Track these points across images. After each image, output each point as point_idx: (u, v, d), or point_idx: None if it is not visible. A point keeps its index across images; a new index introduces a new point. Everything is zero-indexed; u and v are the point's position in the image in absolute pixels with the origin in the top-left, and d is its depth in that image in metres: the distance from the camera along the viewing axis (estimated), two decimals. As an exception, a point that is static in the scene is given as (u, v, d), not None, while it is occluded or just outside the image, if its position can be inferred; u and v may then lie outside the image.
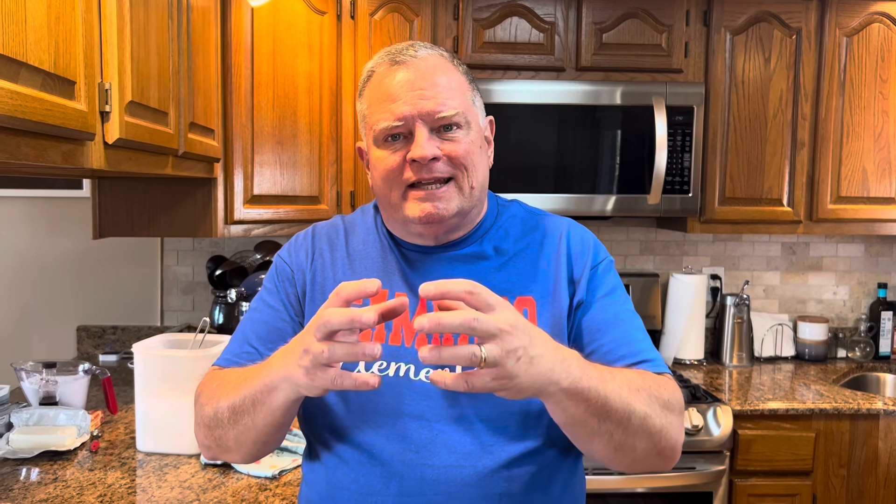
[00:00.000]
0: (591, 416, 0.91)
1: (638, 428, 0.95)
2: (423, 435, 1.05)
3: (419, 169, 1.06)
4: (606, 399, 0.91)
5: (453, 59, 1.14)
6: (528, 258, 1.15)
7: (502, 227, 1.19)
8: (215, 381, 1.11)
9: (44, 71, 1.04)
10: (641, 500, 2.25)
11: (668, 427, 0.99)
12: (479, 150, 1.12)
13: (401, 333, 1.11)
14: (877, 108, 2.58)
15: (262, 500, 1.52)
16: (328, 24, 2.38)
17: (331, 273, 1.17)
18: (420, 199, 1.07)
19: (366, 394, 1.07)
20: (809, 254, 3.02)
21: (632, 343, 1.08)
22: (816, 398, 2.35)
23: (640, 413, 0.95)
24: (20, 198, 2.74)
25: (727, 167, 2.57)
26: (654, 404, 0.97)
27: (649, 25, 2.52)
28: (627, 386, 0.95)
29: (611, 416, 0.92)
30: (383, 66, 1.11)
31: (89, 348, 2.77)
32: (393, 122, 1.07)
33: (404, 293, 1.13)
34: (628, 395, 0.94)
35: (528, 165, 2.44)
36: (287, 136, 2.30)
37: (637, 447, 0.97)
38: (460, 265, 1.15)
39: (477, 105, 1.15)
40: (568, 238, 1.17)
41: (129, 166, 1.43)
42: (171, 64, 1.64)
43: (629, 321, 1.12)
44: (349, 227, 1.23)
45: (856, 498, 2.33)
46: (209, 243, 2.81)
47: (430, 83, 1.07)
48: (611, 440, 0.95)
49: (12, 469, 1.66)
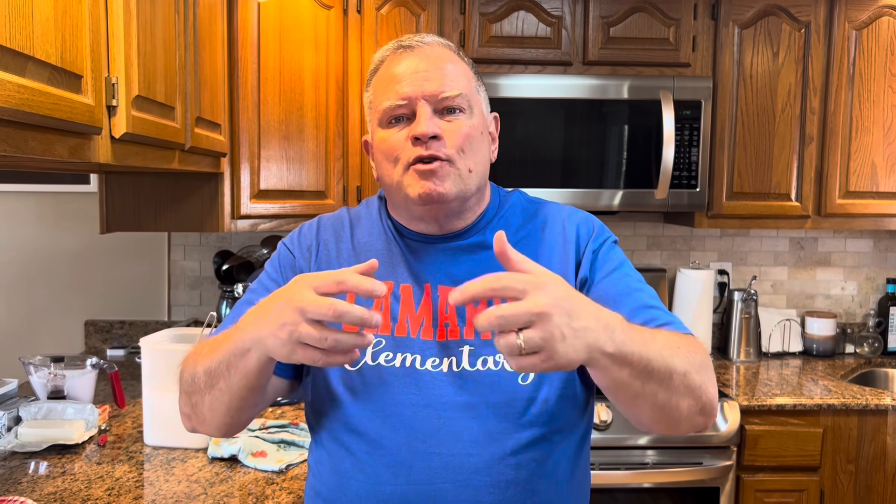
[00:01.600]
0: (634, 378, 0.90)
1: (679, 385, 0.95)
2: (431, 424, 1.06)
3: (421, 146, 1.07)
4: (649, 361, 0.90)
5: (459, 51, 1.16)
6: (530, 245, 1.15)
7: (504, 217, 1.19)
8: (195, 350, 1.11)
9: (50, 65, 1.04)
10: (648, 496, 2.25)
11: (707, 383, 0.99)
12: (479, 136, 1.12)
13: (406, 324, 1.11)
14: (886, 102, 2.56)
15: (268, 494, 1.52)
16: (334, 18, 2.38)
17: (336, 265, 1.18)
18: (420, 175, 1.08)
19: (373, 384, 1.08)
20: (817, 249, 3.00)
21: (649, 310, 1.08)
22: (824, 394, 2.34)
23: (680, 371, 0.94)
24: (28, 193, 2.75)
25: (735, 162, 2.56)
26: (693, 362, 0.97)
27: (657, 19, 2.50)
28: (667, 345, 0.95)
29: (653, 376, 0.91)
30: (390, 52, 1.13)
31: (97, 343, 2.78)
32: (397, 101, 1.08)
33: (409, 284, 1.14)
34: (669, 355, 0.93)
35: (535, 160, 2.44)
36: (293, 130, 2.30)
37: (681, 406, 0.97)
38: (464, 255, 1.15)
39: (481, 95, 1.16)
40: (569, 222, 1.18)
41: (136, 161, 1.43)
42: (178, 58, 1.64)
43: (643, 290, 1.12)
44: (354, 218, 1.24)
45: (864, 494, 2.32)
46: (216, 238, 2.82)
47: (434, 66, 1.10)
48: (655, 401, 0.95)
49: (21, 462, 1.67)
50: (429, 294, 1.13)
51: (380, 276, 1.15)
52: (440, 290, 1.13)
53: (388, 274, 1.15)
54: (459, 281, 1.10)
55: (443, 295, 1.12)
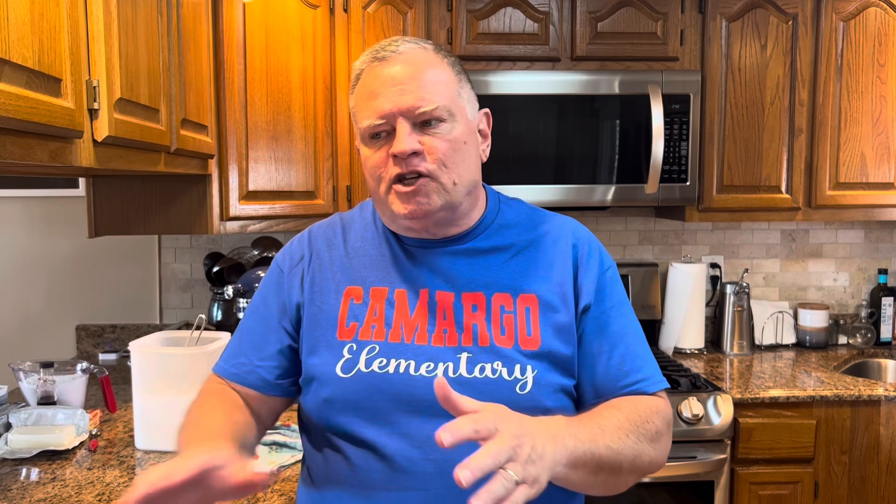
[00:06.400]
0: (587, 474, 0.96)
1: (628, 469, 1.02)
2: (425, 430, 1.05)
3: (400, 163, 1.06)
4: (600, 458, 0.96)
5: (439, 51, 1.13)
6: (530, 256, 1.15)
7: (504, 225, 1.18)
8: (194, 408, 1.13)
9: (27, 68, 1.03)
10: (644, 490, 2.25)
11: (658, 456, 1.07)
12: (464, 146, 1.10)
13: (400, 330, 1.11)
14: (875, 92, 2.57)
15: (260, 497, 1.52)
16: (321, 17, 2.37)
17: (329, 274, 1.17)
18: (403, 194, 1.07)
19: (366, 392, 1.08)
20: (809, 241, 3.01)
21: (635, 358, 1.13)
22: (817, 385, 2.34)
23: (629, 458, 1.01)
24: (17, 198, 2.74)
25: (725, 155, 2.55)
26: (643, 442, 1.03)
27: (644, 13, 2.50)
28: (617, 434, 1.00)
29: (603, 469, 0.98)
30: (367, 63, 1.11)
31: (89, 347, 2.77)
32: (375, 121, 1.07)
33: (404, 289, 1.13)
34: (619, 445, 0.99)
35: (527, 156, 2.43)
36: (281, 131, 2.29)
37: (628, 482, 1.06)
38: (463, 259, 1.14)
39: (465, 97, 1.13)
40: (573, 239, 1.17)
41: (121, 164, 1.42)
42: (162, 60, 1.63)
43: (635, 333, 1.16)
44: (347, 224, 1.23)
45: (858, 484, 2.32)
46: (206, 240, 2.81)
47: (410, 78, 1.07)
48: (604, 486, 1.02)
49: (11, 469, 1.66)
50: (426, 299, 1.12)
51: (373, 282, 1.14)
52: (438, 296, 1.12)
53: (381, 279, 1.14)
54: (459, 286, 1.12)
55: (441, 300, 1.11)
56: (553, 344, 1.09)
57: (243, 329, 1.22)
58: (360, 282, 1.15)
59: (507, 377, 1.06)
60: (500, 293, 1.12)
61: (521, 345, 1.08)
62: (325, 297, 1.15)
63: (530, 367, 1.07)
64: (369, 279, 1.15)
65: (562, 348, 1.10)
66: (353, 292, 1.14)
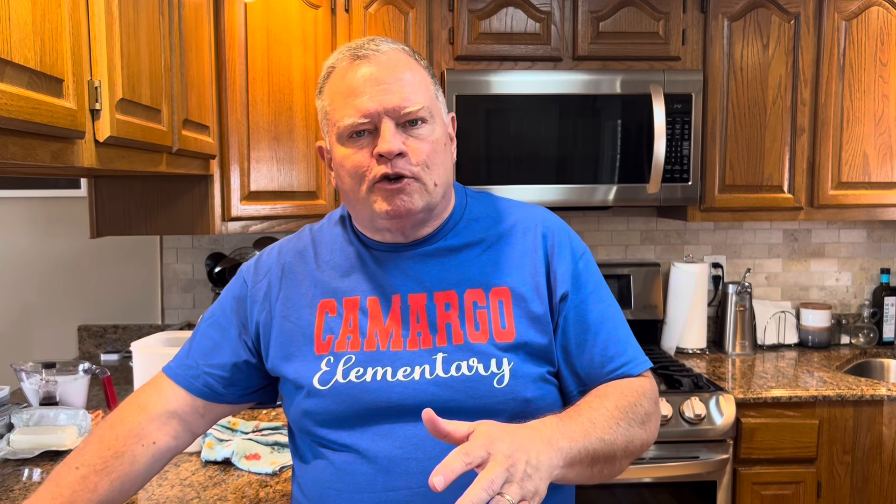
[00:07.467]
0: (583, 469, 0.98)
1: (622, 455, 1.04)
2: (407, 431, 1.06)
3: (386, 163, 1.06)
4: (594, 452, 0.97)
5: (415, 54, 1.14)
6: (500, 250, 1.15)
7: (473, 220, 1.18)
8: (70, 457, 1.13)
9: (29, 69, 1.03)
10: (647, 490, 2.25)
11: (648, 436, 1.09)
12: (443, 148, 1.11)
13: (375, 337, 1.11)
14: (877, 92, 2.56)
15: (262, 497, 1.52)
16: (322, 17, 2.37)
17: (302, 288, 1.17)
18: (387, 193, 1.07)
19: (345, 403, 1.09)
20: (811, 240, 3.00)
21: (618, 342, 1.14)
22: (820, 385, 2.34)
23: (622, 445, 1.02)
24: (19, 199, 2.74)
25: (727, 155, 2.55)
26: (634, 427, 1.05)
27: (646, 13, 2.50)
28: (608, 424, 1.01)
29: (598, 461, 0.99)
30: (344, 61, 1.10)
31: (91, 348, 2.77)
32: (359, 120, 1.06)
33: (376, 296, 1.13)
34: (611, 433, 1.00)
35: (528, 156, 2.43)
36: (283, 131, 2.29)
37: (623, 466, 1.08)
38: (432, 260, 1.14)
39: (440, 100, 1.14)
40: (542, 229, 1.17)
41: (122, 164, 1.42)
42: (163, 60, 1.63)
43: (615, 317, 1.16)
44: (317, 235, 1.23)
45: (860, 484, 2.32)
46: (208, 240, 2.81)
47: (393, 77, 1.07)
48: (600, 475, 1.03)
49: (13, 470, 1.66)
50: (399, 304, 1.12)
51: (345, 292, 1.15)
52: (411, 299, 1.12)
53: (353, 289, 1.15)
54: (430, 287, 1.12)
55: (414, 303, 1.12)
56: (528, 334, 1.10)
57: (198, 333, 1.23)
58: (332, 294, 1.15)
59: (483, 373, 1.07)
60: (472, 289, 1.12)
61: (497, 338, 1.09)
62: (301, 311, 1.16)
63: (506, 359, 1.08)
64: (341, 290, 1.15)
65: (537, 338, 1.10)
66: (328, 305, 1.14)
